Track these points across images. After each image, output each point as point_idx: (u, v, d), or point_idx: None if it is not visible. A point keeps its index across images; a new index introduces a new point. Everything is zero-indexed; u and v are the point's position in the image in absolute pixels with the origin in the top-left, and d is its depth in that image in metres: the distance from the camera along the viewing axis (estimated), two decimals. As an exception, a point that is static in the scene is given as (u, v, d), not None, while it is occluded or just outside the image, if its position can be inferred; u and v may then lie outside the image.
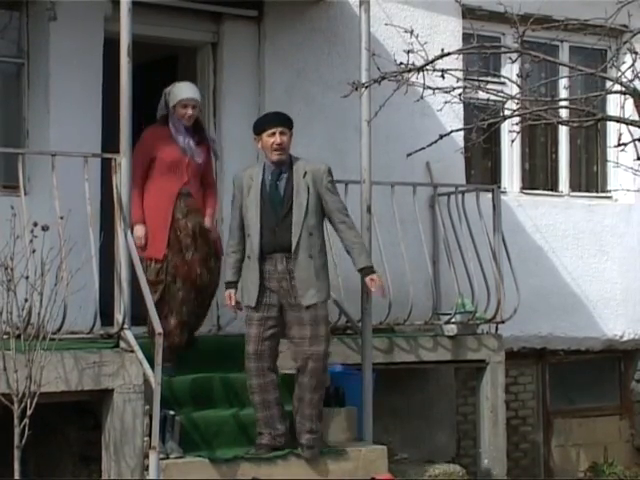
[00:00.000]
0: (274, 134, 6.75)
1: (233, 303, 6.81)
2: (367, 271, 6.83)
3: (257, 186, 6.75)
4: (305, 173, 6.75)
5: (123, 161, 6.65)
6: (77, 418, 6.94)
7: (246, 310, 6.77)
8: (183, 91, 7.21)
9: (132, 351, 6.49)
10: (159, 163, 7.11)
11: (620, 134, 7.10)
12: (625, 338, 10.24)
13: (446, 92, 6.57)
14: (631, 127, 6.56)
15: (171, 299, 7.03)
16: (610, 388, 10.47)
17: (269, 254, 6.68)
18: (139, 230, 6.98)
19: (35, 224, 6.10)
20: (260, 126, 6.88)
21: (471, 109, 8.94)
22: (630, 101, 6.34)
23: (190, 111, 7.18)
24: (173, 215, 7.06)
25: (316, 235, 6.71)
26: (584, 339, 9.98)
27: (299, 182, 6.73)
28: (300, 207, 6.68)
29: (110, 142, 7.28)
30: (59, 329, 6.22)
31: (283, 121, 6.84)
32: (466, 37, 9.05)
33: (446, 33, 9.20)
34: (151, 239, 7.04)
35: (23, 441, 5.83)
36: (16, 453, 5.85)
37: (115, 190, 6.67)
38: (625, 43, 6.96)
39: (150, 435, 6.27)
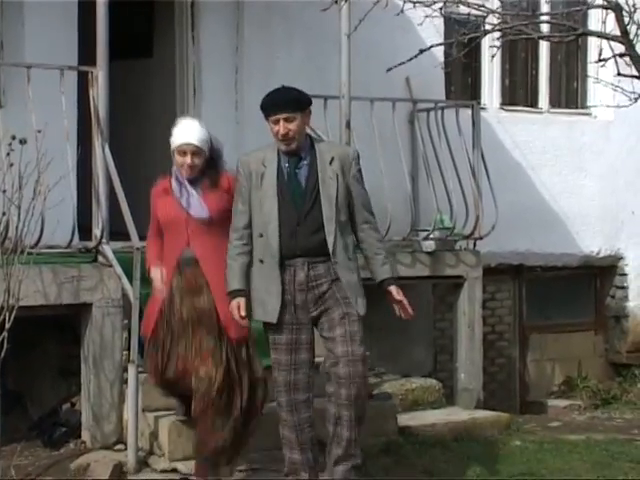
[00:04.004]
0: (277, 122, 5.45)
1: (243, 313, 5.48)
2: (390, 282, 5.67)
3: (272, 175, 5.48)
4: (332, 159, 5.49)
5: (100, 74, 6.60)
6: (56, 332, 6.97)
7: (267, 332, 5.54)
8: (179, 134, 5.78)
9: (110, 266, 6.51)
10: (161, 225, 5.90)
11: (601, 49, 7.05)
12: (601, 255, 10.34)
13: (427, 6, 6.49)
14: (612, 42, 6.52)
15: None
16: (586, 304, 10.58)
17: (288, 259, 5.43)
18: (155, 273, 5.85)
19: (13, 137, 6.02)
20: (263, 110, 5.55)
21: (452, 24, 8.91)
22: (612, 16, 6.28)
23: (189, 159, 5.71)
24: (170, 291, 5.77)
25: (347, 234, 5.51)
26: (561, 255, 10.07)
27: (325, 170, 5.47)
28: (330, 200, 5.43)
29: (87, 56, 7.20)
30: (37, 243, 6.20)
31: (289, 104, 5.48)
32: (447, -50, 8.93)
33: (427, -54, 9.07)
34: (145, 313, 6.01)
35: (2, 354, 5.85)
36: (-5, 366, 5.88)
37: (92, 103, 6.63)
38: (607, -44, 6.87)
39: (129, 349, 6.31)
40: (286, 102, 5.49)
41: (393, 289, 5.64)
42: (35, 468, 6.24)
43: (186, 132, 5.75)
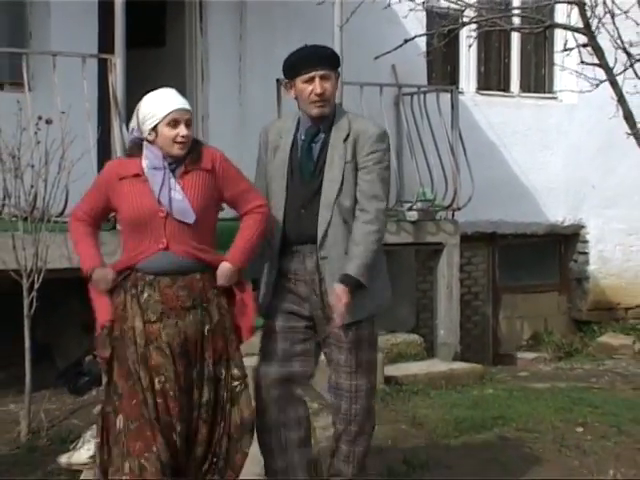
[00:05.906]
0: (312, 80, 4.23)
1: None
2: (344, 279, 4.21)
3: (286, 148, 4.32)
4: (347, 135, 4.26)
5: (118, 61, 6.60)
6: (79, 292, 6.98)
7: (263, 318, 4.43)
8: (167, 101, 4.11)
9: (128, 232, 6.52)
10: (123, 219, 4.23)
11: (566, 40, 7.09)
12: (566, 223, 10.39)
13: (411, 0, 6.54)
14: (576, 34, 6.56)
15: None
16: (551, 267, 10.64)
17: (295, 245, 4.31)
18: (98, 274, 4.30)
19: (40, 118, 6.05)
20: (292, 68, 4.31)
21: (433, 16, 8.93)
22: (576, 10, 6.32)
23: (184, 129, 4.07)
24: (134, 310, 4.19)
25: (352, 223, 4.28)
26: (530, 224, 10.11)
27: (336, 147, 4.26)
28: (333, 183, 4.24)
29: (106, 44, 7.21)
30: (62, 212, 6.23)
31: (325, 60, 4.28)
32: (429, -53, 8.92)
33: (411, -56, 9.05)
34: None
35: (32, 311, 5.90)
36: (26, 322, 5.91)
37: (111, 88, 6.64)
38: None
39: (144, 307, 6.28)
40: (323, 58, 4.29)
41: (339, 288, 4.20)
42: (62, 412, 6.30)
43: (174, 98, 4.13)
